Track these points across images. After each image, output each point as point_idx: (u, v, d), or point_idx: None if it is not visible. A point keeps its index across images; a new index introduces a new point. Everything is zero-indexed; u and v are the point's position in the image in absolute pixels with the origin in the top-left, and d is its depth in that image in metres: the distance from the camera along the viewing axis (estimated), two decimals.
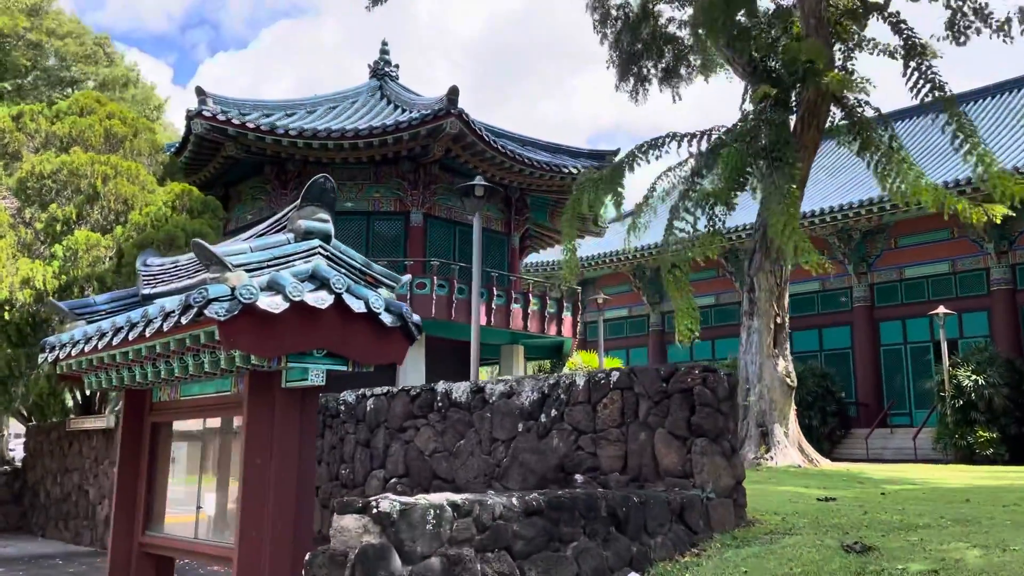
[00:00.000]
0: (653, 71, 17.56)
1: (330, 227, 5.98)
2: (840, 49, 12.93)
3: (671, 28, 16.94)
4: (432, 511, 3.92)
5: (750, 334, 13.21)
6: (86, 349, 6.40)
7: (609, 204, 17.23)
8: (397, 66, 23.85)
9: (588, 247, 34.46)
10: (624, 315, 35.45)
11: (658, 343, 34.71)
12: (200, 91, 17.38)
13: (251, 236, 6.26)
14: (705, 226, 12.91)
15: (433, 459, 7.57)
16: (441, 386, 7.65)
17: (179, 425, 7.12)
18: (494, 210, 21.76)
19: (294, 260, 5.73)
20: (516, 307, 20.08)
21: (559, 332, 21.04)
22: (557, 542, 4.41)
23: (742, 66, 14.18)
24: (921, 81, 11.98)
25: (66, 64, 26.98)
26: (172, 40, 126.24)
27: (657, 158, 13.53)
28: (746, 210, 24.10)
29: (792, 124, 12.81)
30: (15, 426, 25.35)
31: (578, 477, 6.20)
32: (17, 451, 23.73)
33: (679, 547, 5.01)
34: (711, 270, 32.55)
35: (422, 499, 4.06)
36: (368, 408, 8.30)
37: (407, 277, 6.49)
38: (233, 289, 5.24)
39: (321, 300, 5.45)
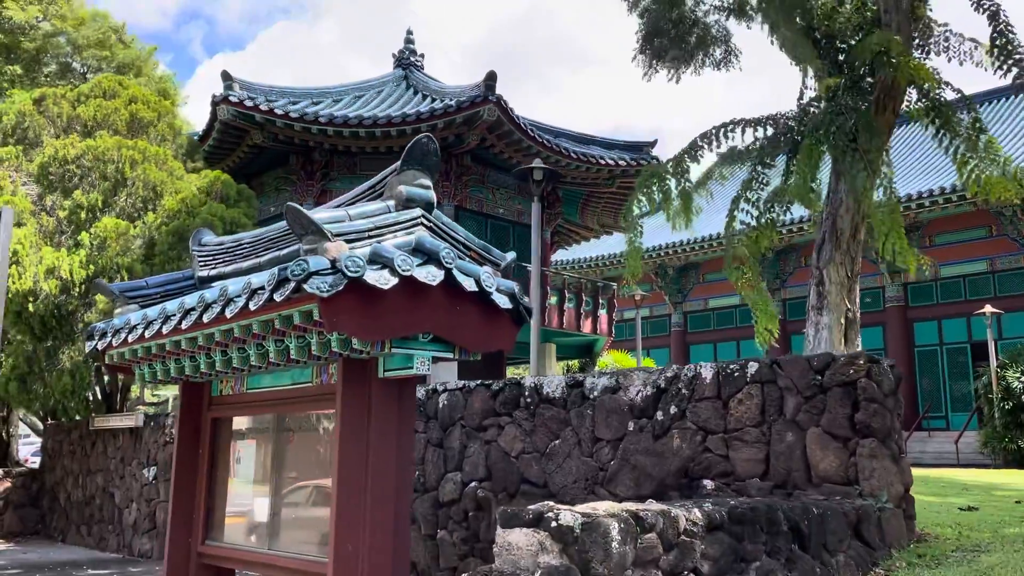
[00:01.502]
0: (678, 53, 16.70)
1: (433, 195, 5.25)
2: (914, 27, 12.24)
3: (699, 11, 16.14)
4: (617, 525, 3.18)
5: (818, 330, 12.46)
6: (146, 334, 5.64)
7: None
8: (422, 55, 23.15)
9: (607, 245, 33.75)
10: (645, 315, 34.68)
11: (680, 343, 33.99)
12: (226, 75, 16.63)
13: (344, 203, 5.52)
14: (764, 219, 12.15)
15: (521, 461, 6.82)
16: (529, 380, 6.90)
17: (245, 422, 6.36)
18: (525, 203, 21.01)
19: (396, 231, 4.99)
20: (550, 304, 19.35)
21: (594, 330, 20.30)
22: (741, 562, 3.68)
23: (804, 48, 13.44)
24: (1009, 62, 11.26)
25: (79, 50, 26.33)
26: (167, 38, 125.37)
27: (718, 147, 12.77)
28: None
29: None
30: (21, 427, 24.60)
31: (707, 483, 5.45)
32: (22, 452, 22.97)
33: (861, 566, 4.29)
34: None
35: (600, 509, 3.32)
36: (440, 404, 7.55)
37: (512, 255, 5.75)
38: (334, 261, 4.50)
39: (431, 276, 4.71)
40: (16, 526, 14.70)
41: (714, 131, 12.75)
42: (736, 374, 5.52)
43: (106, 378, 14.68)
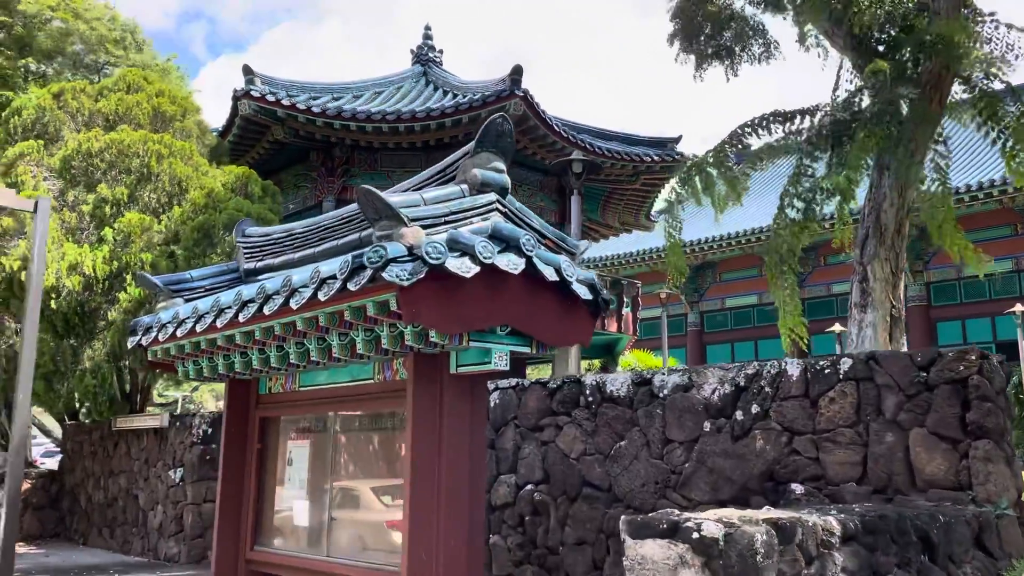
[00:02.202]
0: (712, 48, 16.35)
1: (507, 179, 4.94)
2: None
3: (735, 6, 15.84)
4: (759, 536, 2.86)
5: (862, 328, 12.08)
6: (197, 328, 5.35)
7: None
8: (441, 51, 22.84)
9: (624, 244, 33.41)
10: (660, 314, 34.32)
11: (697, 343, 33.62)
12: (248, 70, 16.32)
13: (413, 187, 5.21)
14: (808, 213, 11.79)
15: (582, 463, 6.50)
16: (590, 378, 6.58)
17: (297, 421, 6.06)
18: (547, 200, 20.72)
19: (471, 216, 4.68)
20: None
21: (619, 329, 19.96)
22: None
23: (842, 38, 13.13)
24: None
25: (93, 48, 26.15)
26: (169, 38, 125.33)
27: (757, 138, 12.44)
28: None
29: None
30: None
31: (796, 487, 5.13)
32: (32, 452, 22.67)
33: None
34: (753, 269, 31.50)
35: (734, 517, 3.00)
36: (492, 403, 7.23)
37: (586, 243, 5.44)
38: (411, 248, 4.20)
39: (512, 264, 4.40)
40: (35, 528, 14.40)
41: (756, 121, 12.41)
42: (827, 371, 5.19)
43: (127, 377, 14.39)
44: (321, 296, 4.38)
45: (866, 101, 12.37)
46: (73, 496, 14.38)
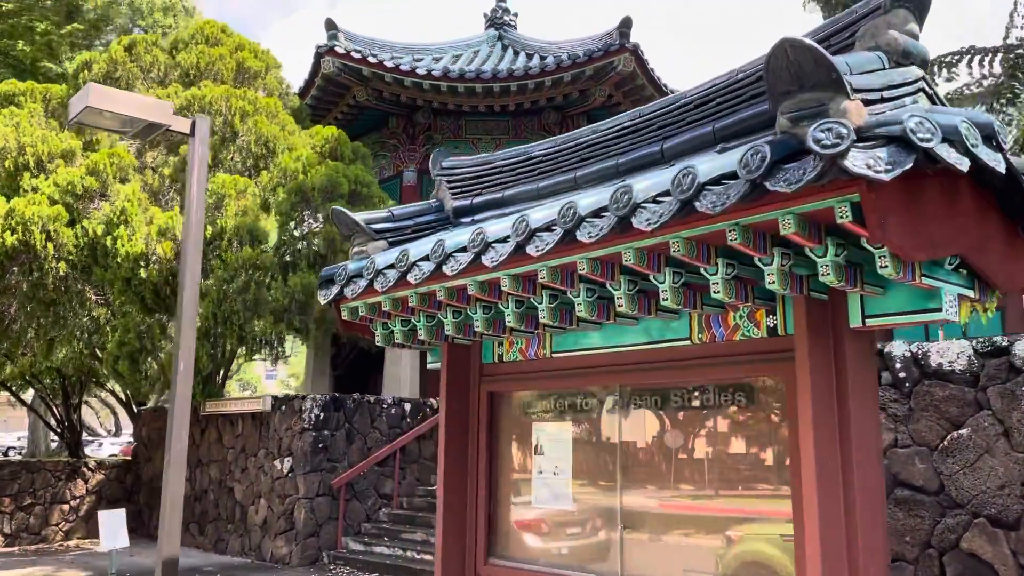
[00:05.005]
0: None
1: (927, 49, 3.48)
2: None
3: None
4: None
5: None
6: (446, 270, 3.91)
7: None
8: (516, 15, 21.38)
9: None
10: None
11: None
12: (331, 24, 14.94)
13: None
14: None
15: (892, 457, 5.04)
16: (900, 347, 5.12)
17: (546, 398, 4.64)
18: None
19: (900, 95, 3.22)
20: None
21: None
22: None
23: None
24: None
25: (142, 14, 24.98)
26: None
27: (948, 80, 10.93)
28: None
29: None
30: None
31: None
32: None
33: None
34: None
35: None
36: None
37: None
38: (859, 130, 2.75)
39: (995, 160, 2.96)
40: None
41: (936, 62, 10.91)
42: None
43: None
44: (707, 207, 2.94)
45: None
46: (151, 489, 13.10)
